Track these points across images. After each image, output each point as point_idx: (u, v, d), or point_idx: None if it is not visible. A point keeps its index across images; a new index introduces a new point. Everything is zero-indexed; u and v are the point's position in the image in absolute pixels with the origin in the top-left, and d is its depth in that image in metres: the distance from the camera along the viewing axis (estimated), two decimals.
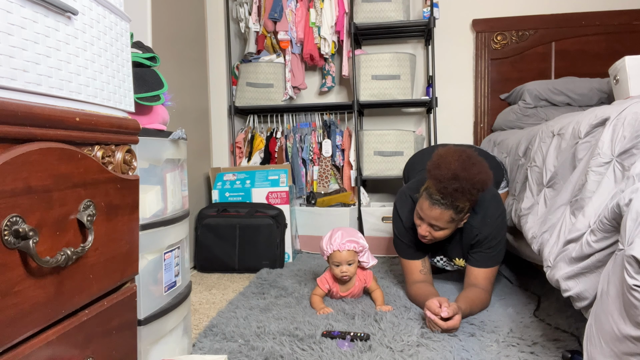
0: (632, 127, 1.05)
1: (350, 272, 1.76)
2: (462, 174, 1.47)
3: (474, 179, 1.48)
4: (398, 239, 1.82)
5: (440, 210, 1.54)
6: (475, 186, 1.49)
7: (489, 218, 1.67)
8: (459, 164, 1.49)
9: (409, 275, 1.81)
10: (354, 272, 1.77)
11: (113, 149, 0.78)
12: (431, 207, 1.55)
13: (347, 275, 1.75)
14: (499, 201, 1.72)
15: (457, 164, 1.49)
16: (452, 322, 1.41)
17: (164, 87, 1.20)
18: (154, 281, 1.14)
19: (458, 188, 1.48)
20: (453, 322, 1.41)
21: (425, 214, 1.58)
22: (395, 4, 2.68)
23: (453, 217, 1.56)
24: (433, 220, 1.57)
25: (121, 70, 0.83)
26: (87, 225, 0.66)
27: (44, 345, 0.60)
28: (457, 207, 1.54)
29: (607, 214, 0.93)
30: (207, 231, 2.45)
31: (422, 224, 1.63)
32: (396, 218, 1.82)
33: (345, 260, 1.74)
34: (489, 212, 1.67)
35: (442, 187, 1.50)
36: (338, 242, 1.74)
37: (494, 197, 1.71)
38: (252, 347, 1.37)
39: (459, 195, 1.49)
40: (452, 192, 1.49)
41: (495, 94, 2.95)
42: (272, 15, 2.79)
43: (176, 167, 1.28)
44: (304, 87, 2.98)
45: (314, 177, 2.91)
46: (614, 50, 2.79)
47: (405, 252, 1.80)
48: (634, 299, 0.76)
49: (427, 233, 1.62)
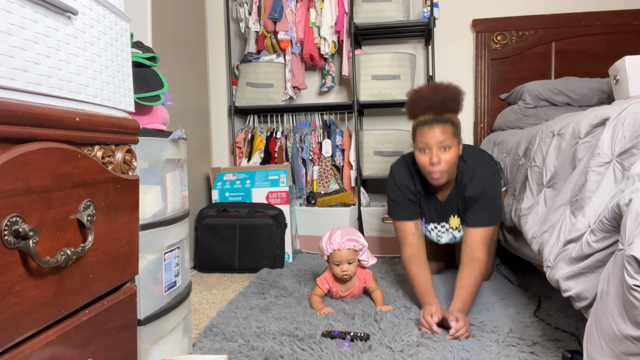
0: (632, 127, 1.05)
1: (351, 271, 1.76)
2: (439, 86, 1.64)
3: (451, 87, 1.65)
4: (391, 201, 1.85)
5: (441, 126, 1.60)
6: (456, 91, 1.65)
7: (480, 169, 1.73)
8: (430, 85, 1.67)
9: (402, 239, 1.81)
10: (354, 271, 1.77)
11: (113, 149, 0.78)
12: (431, 129, 1.60)
13: (348, 274, 1.75)
14: (490, 159, 1.79)
15: (429, 86, 1.66)
16: (460, 332, 1.41)
17: (164, 87, 1.20)
18: (154, 281, 1.14)
19: (445, 96, 1.60)
20: (461, 332, 1.41)
21: (429, 138, 1.61)
22: (395, 4, 2.68)
23: (454, 132, 1.63)
24: (440, 137, 1.60)
25: (121, 70, 0.83)
26: (87, 225, 0.66)
27: (44, 345, 0.60)
28: (452, 121, 1.62)
29: (607, 214, 0.93)
30: (207, 231, 2.45)
31: (429, 152, 1.63)
32: (390, 179, 1.87)
33: (345, 259, 1.74)
34: (479, 165, 1.74)
35: (430, 104, 1.60)
36: (338, 241, 1.75)
37: (482, 152, 1.80)
38: (252, 347, 1.37)
39: (448, 102, 1.61)
40: (442, 103, 1.60)
41: (495, 94, 2.95)
42: (272, 15, 2.79)
43: (176, 167, 1.28)
44: (304, 87, 2.98)
45: (314, 177, 2.91)
46: (614, 50, 2.79)
47: (398, 212, 1.82)
48: (634, 299, 0.76)
49: (437, 158, 1.61)
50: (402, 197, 1.82)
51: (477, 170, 1.74)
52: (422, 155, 1.66)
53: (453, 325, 1.41)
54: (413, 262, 1.72)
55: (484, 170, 1.74)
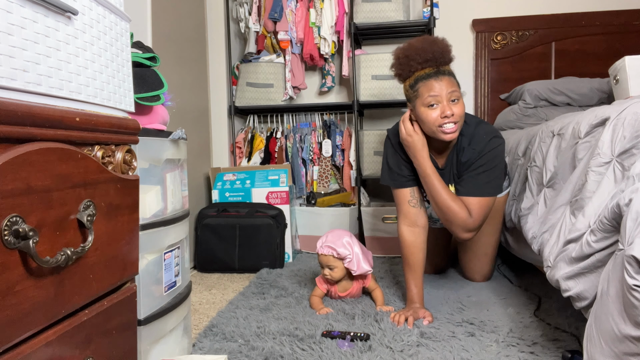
0: (632, 127, 1.05)
1: (333, 277, 1.75)
2: (432, 38, 1.54)
3: (440, 38, 1.55)
4: (386, 165, 1.75)
5: (447, 77, 1.52)
6: (447, 43, 1.55)
7: (482, 130, 1.63)
8: (420, 38, 1.56)
9: (398, 207, 1.74)
10: (337, 277, 1.75)
11: (113, 149, 0.78)
12: (438, 80, 1.51)
13: (329, 278, 1.76)
14: (491, 127, 1.67)
15: (421, 39, 1.56)
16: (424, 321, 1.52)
17: (164, 87, 1.20)
18: (154, 281, 1.14)
19: (441, 47, 1.52)
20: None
21: (439, 90, 1.50)
22: (395, 4, 2.68)
23: (458, 83, 1.55)
24: (450, 88, 1.51)
25: (121, 70, 0.83)
26: (87, 225, 0.66)
27: (44, 345, 0.60)
28: (452, 73, 1.55)
29: (607, 214, 0.93)
30: (207, 231, 2.45)
31: (440, 104, 1.52)
32: (387, 141, 1.77)
33: (325, 264, 1.75)
34: (481, 127, 1.64)
35: (430, 56, 1.51)
36: (320, 244, 1.76)
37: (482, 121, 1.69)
38: (252, 347, 1.37)
39: (445, 54, 1.52)
40: (441, 54, 1.51)
41: (495, 94, 2.95)
42: (272, 15, 2.79)
43: (176, 167, 1.28)
44: (304, 87, 2.98)
45: (314, 177, 2.91)
46: (614, 50, 2.79)
47: (391, 178, 1.74)
48: (634, 299, 0.76)
49: (449, 110, 1.50)
50: (398, 160, 1.71)
51: (479, 130, 1.63)
52: (430, 111, 1.52)
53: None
54: (406, 242, 1.67)
55: (485, 133, 1.62)
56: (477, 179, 1.60)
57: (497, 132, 1.65)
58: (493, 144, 1.61)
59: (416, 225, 1.69)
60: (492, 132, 1.64)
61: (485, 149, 1.60)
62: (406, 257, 1.67)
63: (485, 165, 1.60)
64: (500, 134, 1.65)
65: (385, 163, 1.77)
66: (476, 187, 1.60)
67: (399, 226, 1.72)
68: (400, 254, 1.92)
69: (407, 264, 1.67)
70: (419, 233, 1.68)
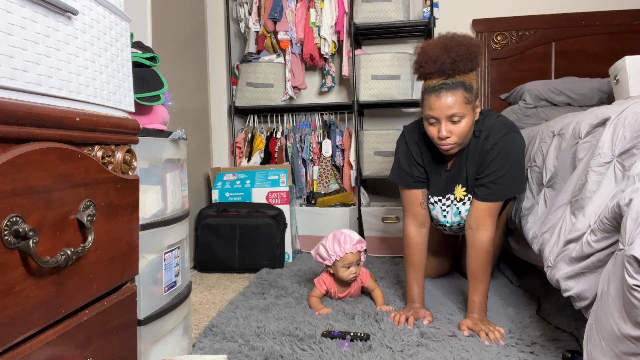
0: (632, 127, 1.05)
1: (359, 272, 1.77)
2: (449, 44, 1.41)
3: (463, 43, 1.41)
4: (398, 163, 1.70)
5: (451, 94, 1.42)
6: (471, 47, 1.41)
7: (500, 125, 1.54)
8: (439, 41, 1.44)
9: (408, 206, 1.68)
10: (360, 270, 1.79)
11: (113, 149, 0.78)
12: (439, 97, 1.42)
13: (356, 276, 1.76)
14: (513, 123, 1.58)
15: (437, 43, 1.44)
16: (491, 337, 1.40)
17: (164, 87, 1.20)
18: (154, 281, 1.14)
19: (455, 56, 1.40)
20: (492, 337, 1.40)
21: (437, 108, 1.43)
22: (395, 4, 2.68)
23: (466, 97, 1.43)
24: (448, 110, 1.42)
25: (121, 70, 0.83)
26: (87, 225, 0.66)
27: (44, 345, 0.60)
28: (465, 84, 1.42)
29: (607, 214, 0.93)
30: (207, 231, 2.45)
31: (439, 124, 1.47)
32: (400, 138, 1.72)
33: (355, 261, 1.75)
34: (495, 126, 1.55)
35: (438, 67, 1.41)
36: (349, 244, 1.73)
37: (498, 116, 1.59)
38: (252, 347, 1.37)
39: (459, 63, 1.40)
40: (451, 65, 1.40)
41: (495, 94, 2.95)
42: (272, 15, 2.79)
43: (176, 167, 1.28)
44: (304, 87, 2.98)
45: (314, 177, 2.91)
46: (614, 50, 2.79)
47: (403, 178, 1.68)
48: (634, 299, 0.76)
49: (448, 132, 1.45)
50: (409, 160, 1.67)
51: (497, 125, 1.53)
52: (430, 127, 1.50)
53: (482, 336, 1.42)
54: (414, 242, 1.65)
55: (501, 124, 1.53)
56: (495, 183, 1.54)
57: (517, 128, 1.57)
58: (509, 140, 1.53)
59: (424, 226, 1.69)
60: (512, 126, 1.56)
61: (500, 142, 1.52)
62: (411, 257, 1.67)
63: (502, 168, 1.53)
64: (517, 129, 1.57)
65: (396, 160, 1.73)
66: (493, 192, 1.54)
67: (407, 226, 1.69)
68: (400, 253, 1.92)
69: (410, 264, 1.66)
70: (424, 234, 1.69)
